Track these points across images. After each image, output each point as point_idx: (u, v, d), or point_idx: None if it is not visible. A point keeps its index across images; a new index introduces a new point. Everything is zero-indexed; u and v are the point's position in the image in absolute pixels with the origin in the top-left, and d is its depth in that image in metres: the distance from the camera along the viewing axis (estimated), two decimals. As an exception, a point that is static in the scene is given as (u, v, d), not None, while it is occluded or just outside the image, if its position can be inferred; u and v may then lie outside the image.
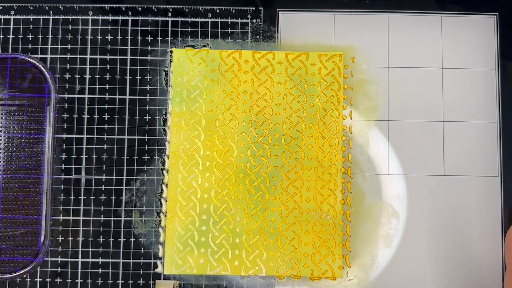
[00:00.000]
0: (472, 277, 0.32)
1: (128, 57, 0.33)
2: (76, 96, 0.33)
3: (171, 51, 0.33)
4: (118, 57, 0.33)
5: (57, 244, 0.32)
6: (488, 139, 0.33)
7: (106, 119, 0.33)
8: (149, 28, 0.33)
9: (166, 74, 0.33)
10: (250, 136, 0.32)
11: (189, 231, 0.31)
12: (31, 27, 0.33)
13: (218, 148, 0.32)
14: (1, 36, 0.33)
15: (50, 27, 0.33)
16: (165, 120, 0.33)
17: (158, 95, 0.33)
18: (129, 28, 0.33)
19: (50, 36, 0.33)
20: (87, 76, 0.33)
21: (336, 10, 0.34)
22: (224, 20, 0.33)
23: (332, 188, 0.31)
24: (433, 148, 0.33)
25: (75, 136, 0.33)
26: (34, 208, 0.31)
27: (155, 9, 0.34)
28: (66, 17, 0.33)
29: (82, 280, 0.32)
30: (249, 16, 0.34)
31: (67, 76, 0.33)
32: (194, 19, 0.33)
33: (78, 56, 0.33)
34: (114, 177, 0.32)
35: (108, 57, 0.33)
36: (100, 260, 0.32)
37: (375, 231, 0.32)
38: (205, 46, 0.33)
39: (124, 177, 0.32)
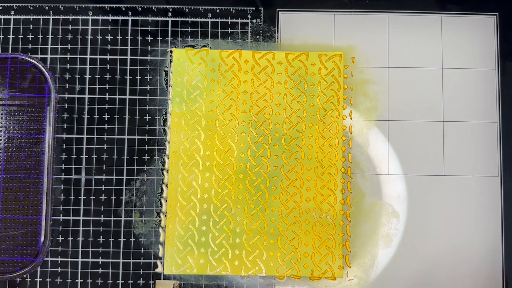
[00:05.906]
0: (472, 277, 0.32)
1: (128, 57, 0.33)
2: (76, 96, 0.33)
3: (171, 51, 0.33)
4: (118, 57, 0.33)
5: (57, 244, 0.32)
6: (488, 139, 0.33)
7: (106, 119, 0.33)
8: (149, 28, 0.33)
9: (166, 74, 0.33)
10: (250, 136, 0.32)
11: (189, 231, 0.31)
12: (31, 27, 0.33)
13: (218, 148, 0.32)
14: (1, 36, 0.33)
15: (50, 27, 0.33)
16: (165, 120, 0.33)
17: (158, 95, 0.33)
18: (129, 28, 0.33)
19: (50, 36, 0.33)
20: (87, 76, 0.33)
21: (336, 10, 0.34)
22: (224, 20, 0.33)
23: (332, 188, 0.31)
24: (433, 148, 0.33)
25: (75, 136, 0.33)
26: (34, 208, 0.31)
27: (155, 9, 0.34)
28: (66, 17, 0.33)
29: (82, 280, 0.32)
30: (249, 16, 0.34)
31: (67, 76, 0.33)
32: (194, 19, 0.33)
33: (78, 56, 0.33)
34: (114, 177, 0.32)
35: (108, 57, 0.33)
36: (100, 260, 0.32)
37: (375, 231, 0.32)
38: (205, 46, 0.33)
39: (124, 177, 0.32)
